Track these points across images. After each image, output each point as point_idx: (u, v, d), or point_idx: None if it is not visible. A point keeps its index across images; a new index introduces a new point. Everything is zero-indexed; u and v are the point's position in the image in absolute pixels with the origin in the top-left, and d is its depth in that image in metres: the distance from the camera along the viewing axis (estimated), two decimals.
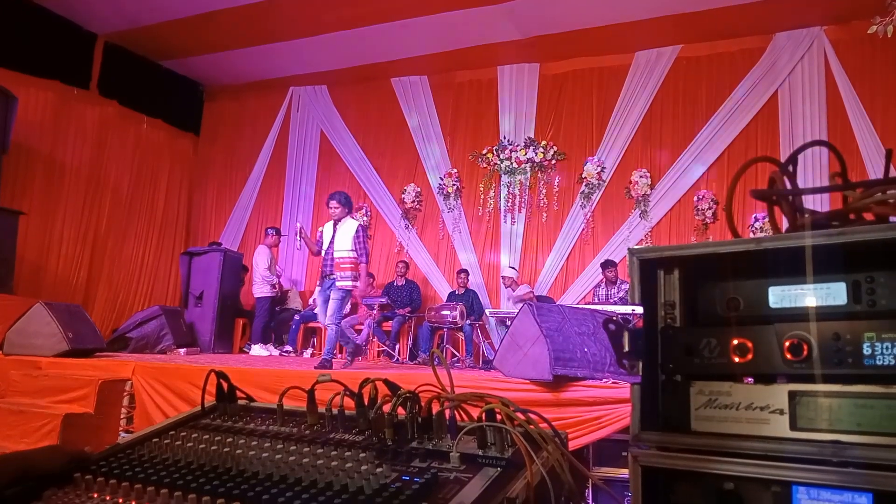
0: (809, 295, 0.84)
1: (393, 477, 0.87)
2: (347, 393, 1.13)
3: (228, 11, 8.22)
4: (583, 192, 8.70)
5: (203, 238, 10.55)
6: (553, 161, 8.94)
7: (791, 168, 0.97)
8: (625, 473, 3.50)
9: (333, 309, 5.52)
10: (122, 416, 5.11)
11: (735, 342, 0.87)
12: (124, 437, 1.18)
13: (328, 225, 5.81)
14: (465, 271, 8.59)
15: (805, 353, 0.81)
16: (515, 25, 8.17)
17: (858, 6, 6.91)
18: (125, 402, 5.14)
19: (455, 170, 9.40)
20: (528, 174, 9.02)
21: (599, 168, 8.61)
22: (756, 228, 7.55)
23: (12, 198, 8.05)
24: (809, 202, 1.03)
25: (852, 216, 0.90)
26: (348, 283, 5.54)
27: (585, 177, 8.67)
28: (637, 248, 0.94)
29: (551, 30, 8.24)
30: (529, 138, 9.08)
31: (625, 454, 1.00)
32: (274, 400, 1.23)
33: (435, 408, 1.03)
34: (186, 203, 10.99)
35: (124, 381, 5.18)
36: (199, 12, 8.32)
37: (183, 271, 8.76)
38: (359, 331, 8.40)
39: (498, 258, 9.04)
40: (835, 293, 0.82)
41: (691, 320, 0.94)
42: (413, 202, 9.52)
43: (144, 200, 10.20)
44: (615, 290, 7.72)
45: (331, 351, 5.62)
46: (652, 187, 8.35)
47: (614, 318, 0.90)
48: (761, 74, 7.98)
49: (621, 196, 8.53)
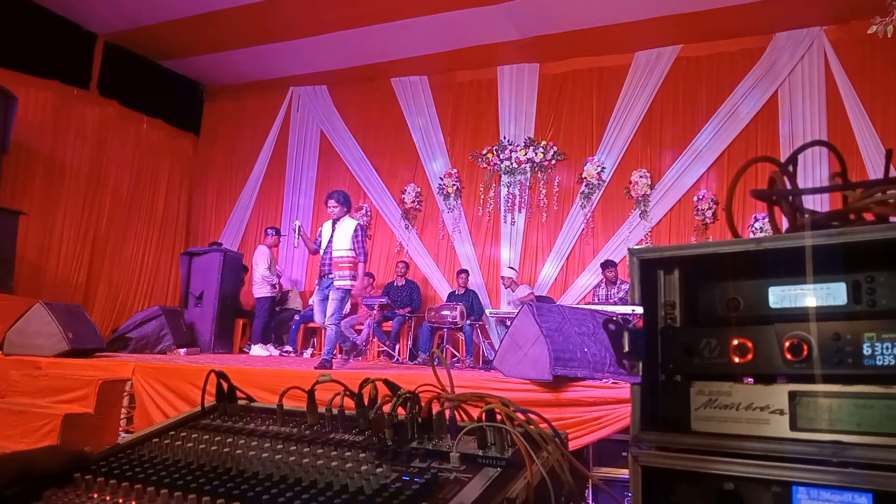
0: (809, 295, 0.84)
1: (393, 477, 0.87)
2: (347, 393, 1.13)
3: (228, 11, 8.22)
4: (583, 193, 8.69)
5: (203, 238, 10.55)
6: (553, 161, 8.94)
7: (791, 168, 0.97)
8: (625, 473, 3.51)
9: (333, 309, 5.52)
10: (122, 417, 5.10)
11: (735, 342, 0.86)
12: (124, 438, 1.18)
13: (327, 224, 5.80)
14: (466, 271, 8.59)
15: (805, 354, 0.81)
16: (515, 25, 8.17)
17: (858, 6, 6.91)
18: (125, 403, 5.14)
19: (455, 170, 9.40)
20: (528, 174, 9.02)
21: (599, 168, 8.61)
22: (756, 228, 7.55)
23: (12, 198, 8.06)
24: (809, 202, 1.03)
25: (852, 216, 0.90)
26: (347, 283, 5.53)
27: (585, 177, 8.67)
28: (637, 249, 0.94)
29: (551, 30, 8.24)
30: (529, 138, 9.07)
31: (625, 454, 1.00)
32: (274, 400, 1.23)
33: (435, 408, 1.03)
34: (186, 203, 10.99)
35: (124, 382, 5.18)
36: (199, 12, 8.32)
37: (183, 271, 8.76)
38: (359, 331, 8.40)
39: (498, 258, 9.04)
40: (835, 293, 0.82)
41: (691, 320, 0.94)
42: (413, 202, 9.52)
43: (144, 200, 10.20)
44: (615, 291, 7.72)
45: (330, 351, 5.62)
46: (652, 187, 8.34)
47: (614, 319, 0.90)
48: (761, 74, 7.98)
49: (621, 196, 8.53)
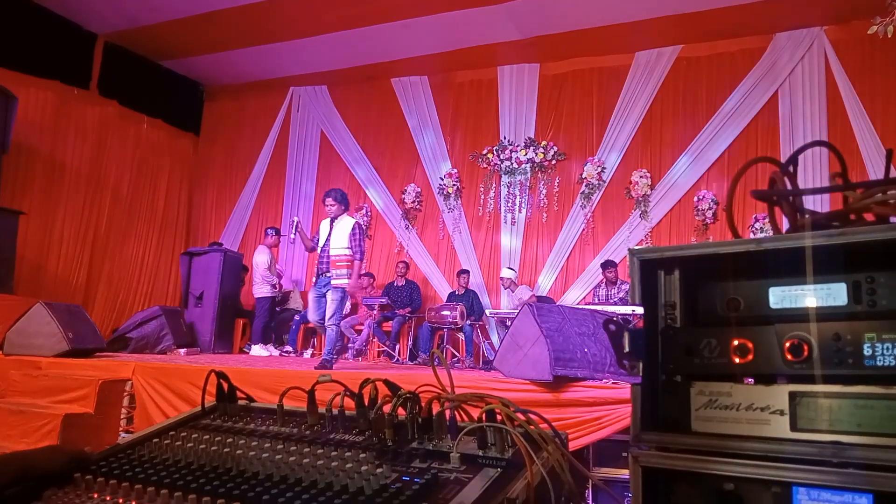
0: (810, 295, 0.84)
1: (393, 477, 0.87)
2: (347, 393, 1.13)
3: (228, 11, 8.22)
4: (583, 193, 8.69)
5: (203, 238, 10.55)
6: (553, 161, 8.94)
7: (791, 168, 0.97)
8: (625, 474, 3.50)
9: (333, 309, 5.51)
10: (122, 417, 5.11)
11: (735, 343, 0.86)
12: (124, 438, 1.18)
13: (325, 222, 5.79)
14: (466, 272, 8.59)
15: (805, 354, 0.81)
16: (515, 25, 8.17)
17: (858, 6, 6.91)
18: (125, 403, 5.14)
19: (455, 170, 9.40)
20: (528, 174, 9.02)
21: (599, 168, 8.61)
22: (756, 229, 7.55)
23: (12, 198, 8.06)
24: (810, 202, 1.03)
25: (853, 216, 0.90)
26: (344, 281, 5.53)
27: (585, 177, 8.67)
28: (637, 249, 0.93)
29: (551, 30, 8.24)
30: (529, 138, 9.07)
31: (625, 454, 0.99)
32: (274, 400, 1.23)
33: (435, 408, 1.03)
34: (186, 203, 10.99)
35: (124, 382, 5.18)
36: (199, 12, 8.32)
37: (183, 271, 8.76)
38: (359, 331, 8.40)
39: (498, 258, 9.03)
40: (835, 294, 0.82)
41: (691, 321, 0.94)
42: (413, 202, 9.52)
43: (144, 200, 10.20)
44: (615, 291, 7.71)
45: (331, 351, 5.61)
46: (652, 187, 8.34)
47: (614, 319, 0.90)
48: (761, 74, 7.97)
49: (621, 196, 8.53)
